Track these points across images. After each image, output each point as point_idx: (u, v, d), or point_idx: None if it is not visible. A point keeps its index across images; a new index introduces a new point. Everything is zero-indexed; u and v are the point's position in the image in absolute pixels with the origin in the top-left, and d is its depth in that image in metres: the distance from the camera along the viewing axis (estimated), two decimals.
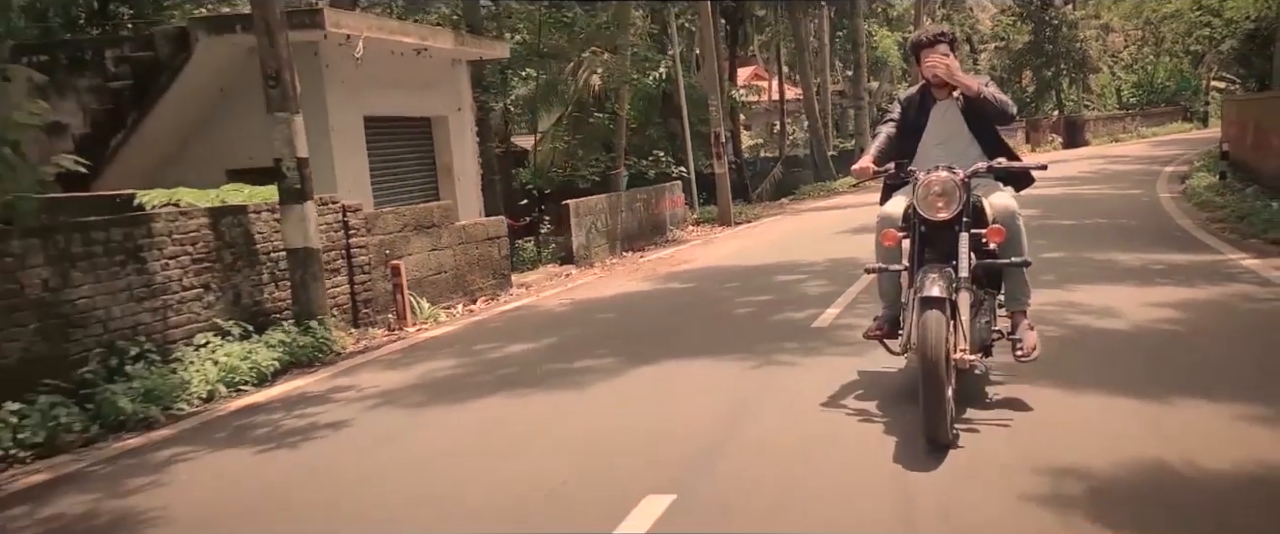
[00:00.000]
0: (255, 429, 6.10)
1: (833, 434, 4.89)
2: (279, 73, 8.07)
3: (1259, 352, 6.13)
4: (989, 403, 5.18)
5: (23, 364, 6.08)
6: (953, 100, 5.33)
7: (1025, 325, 5.30)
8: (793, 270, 11.32)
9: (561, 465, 4.78)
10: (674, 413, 5.60)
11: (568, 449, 5.10)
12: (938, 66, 5.21)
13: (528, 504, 4.27)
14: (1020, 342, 5.19)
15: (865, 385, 5.74)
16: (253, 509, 4.63)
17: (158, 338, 7.15)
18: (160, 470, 5.32)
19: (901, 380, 5.64)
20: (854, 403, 5.40)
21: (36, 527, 4.59)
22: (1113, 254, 10.54)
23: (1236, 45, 25.60)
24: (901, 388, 5.48)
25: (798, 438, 4.87)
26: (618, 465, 4.69)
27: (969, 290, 4.79)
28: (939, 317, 4.45)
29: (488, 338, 8.76)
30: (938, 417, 4.39)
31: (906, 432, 4.71)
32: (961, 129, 5.34)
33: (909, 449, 4.49)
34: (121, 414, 6.23)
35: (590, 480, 4.51)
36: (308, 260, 8.36)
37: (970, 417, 4.87)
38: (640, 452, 4.86)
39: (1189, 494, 3.82)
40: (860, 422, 5.05)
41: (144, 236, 7.14)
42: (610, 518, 3.94)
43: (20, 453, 5.61)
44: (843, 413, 5.23)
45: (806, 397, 5.56)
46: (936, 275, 4.62)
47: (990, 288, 5.34)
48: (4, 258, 6.07)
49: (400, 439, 5.66)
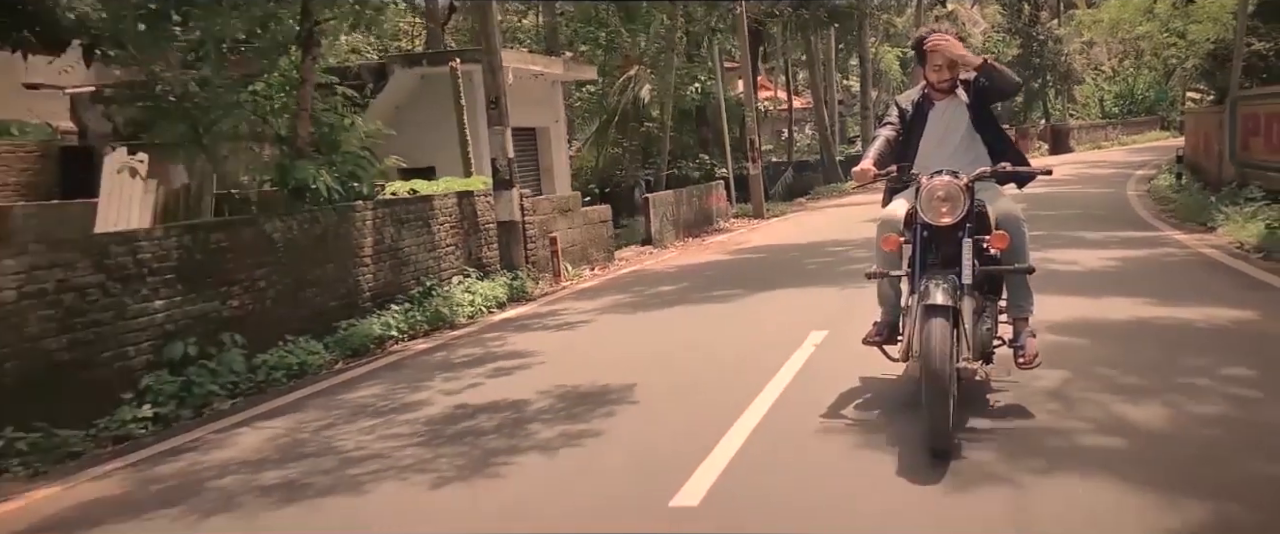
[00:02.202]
0: (526, 328, 9.63)
1: (834, 443, 4.85)
2: (498, 99, 11.63)
3: (1161, 279, 9.69)
4: (990, 410, 5.16)
5: (388, 285, 9.66)
6: (954, 98, 5.32)
7: (1027, 332, 5.23)
8: (838, 245, 14.85)
9: (751, 326, 8.35)
10: (802, 307, 9.15)
11: (750, 321, 8.68)
12: (945, 43, 5.29)
13: (744, 340, 7.82)
14: (1022, 348, 5.14)
15: (864, 393, 5.71)
16: (565, 350, 8.16)
17: (436, 277, 10.68)
18: (496, 341, 8.85)
19: (900, 387, 5.63)
20: (854, 413, 5.35)
21: (463, 357, 8.12)
22: (1081, 233, 14.04)
23: (1199, 63, 29.33)
24: (901, 395, 5.49)
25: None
26: (785, 323, 8.24)
27: (972, 297, 4.74)
28: (944, 325, 4.40)
29: (634, 284, 12.32)
30: (941, 427, 4.33)
31: (909, 442, 4.66)
32: (962, 129, 5.32)
33: (911, 460, 4.42)
34: (442, 317, 9.78)
35: (773, 329, 8.06)
36: (511, 229, 11.91)
37: (972, 426, 4.85)
38: (792, 320, 8.40)
39: (1103, 330, 7.32)
40: (861, 432, 4.98)
41: (429, 211, 10.70)
42: (795, 342, 7.41)
43: (411, 331, 9.20)
44: (843, 423, 5.18)
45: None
46: (941, 282, 4.56)
47: (990, 294, 5.25)
48: (373, 220, 9.61)
49: (624, 325, 9.21)
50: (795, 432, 5.12)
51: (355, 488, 4.81)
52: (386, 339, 9.13)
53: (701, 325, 8.87)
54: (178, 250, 7.25)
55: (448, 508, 4.47)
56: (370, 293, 9.54)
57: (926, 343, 4.36)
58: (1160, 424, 4.81)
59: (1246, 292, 8.45)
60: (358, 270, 9.41)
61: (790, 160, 38.20)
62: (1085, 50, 51.72)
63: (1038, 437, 4.69)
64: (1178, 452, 4.40)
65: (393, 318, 9.34)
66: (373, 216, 9.70)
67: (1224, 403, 5.09)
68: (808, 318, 8.41)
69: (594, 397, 6.22)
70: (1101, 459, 4.32)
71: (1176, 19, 27.78)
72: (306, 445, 5.74)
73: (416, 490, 4.70)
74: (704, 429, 5.17)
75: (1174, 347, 6.47)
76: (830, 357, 6.85)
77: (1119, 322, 7.41)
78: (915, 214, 4.90)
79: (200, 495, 4.93)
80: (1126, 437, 4.65)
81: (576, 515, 4.23)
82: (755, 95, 33.17)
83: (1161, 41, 30.69)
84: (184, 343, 7.10)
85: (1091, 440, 4.62)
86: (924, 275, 4.71)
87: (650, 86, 25.21)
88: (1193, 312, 7.59)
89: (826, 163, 36.15)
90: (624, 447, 5.19)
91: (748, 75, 25.11)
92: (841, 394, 5.70)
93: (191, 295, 7.33)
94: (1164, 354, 6.25)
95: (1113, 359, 6.17)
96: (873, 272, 5.24)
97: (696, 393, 6.24)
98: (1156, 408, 5.04)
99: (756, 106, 31.21)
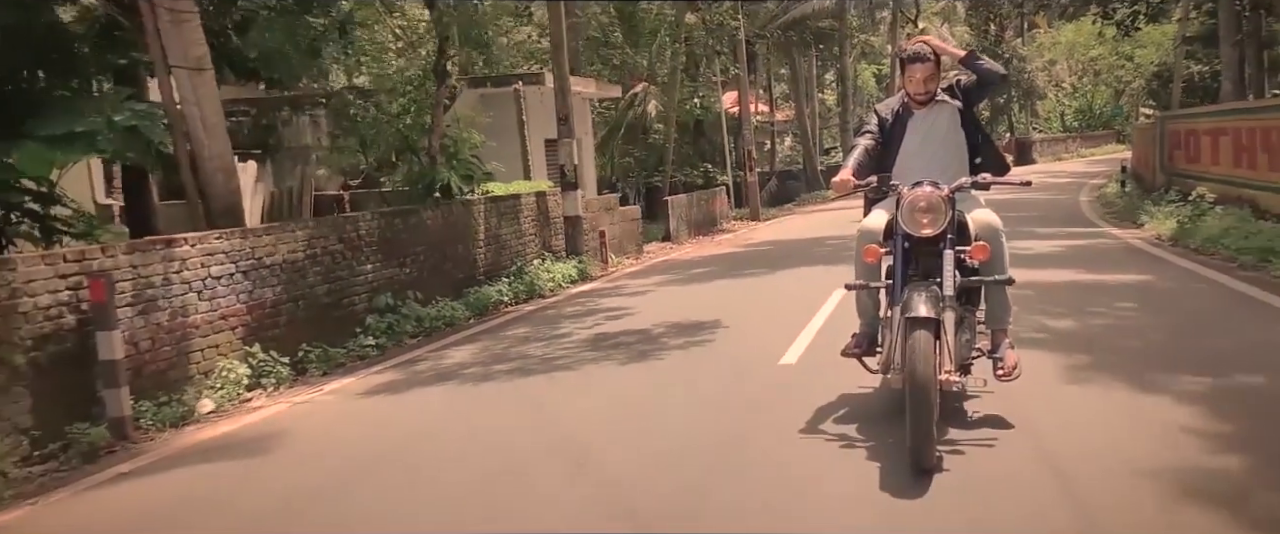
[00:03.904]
0: (604, 295, 12.36)
1: (815, 458, 4.82)
2: (567, 117, 14.39)
3: (1092, 258, 12.58)
4: (970, 421, 5.18)
5: (494, 264, 12.40)
6: (935, 106, 5.30)
7: (1006, 344, 5.24)
8: (835, 239, 17.61)
9: (785, 289, 11.16)
10: (821, 277, 11.92)
11: (782, 286, 11.49)
12: (927, 39, 5.38)
13: (783, 296, 10.62)
14: (1001, 360, 5.15)
15: (842, 407, 5.70)
16: (649, 306, 10.85)
17: (522, 258, 13.41)
18: (588, 303, 11.58)
19: (879, 400, 5.65)
20: (833, 427, 5.32)
21: (570, 312, 10.86)
22: (1036, 229, 16.95)
23: (1145, 83, 32.67)
24: (880, 408, 5.50)
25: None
26: (811, 286, 11.01)
27: (953, 308, 4.70)
28: (928, 337, 4.38)
29: (671, 268, 15.10)
30: (925, 441, 4.30)
31: (890, 455, 4.67)
32: (942, 137, 5.29)
33: (894, 475, 4.42)
34: (534, 288, 12.53)
35: (803, 290, 10.85)
36: (576, 223, 14.67)
37: (953, 437, 4.87)
38: (816, 284, 11.17)
39: (1043, 286, 10.11)
40: (841, 447, 4.97)
41: (518, 206, 13.45)
42: (822, 297, 10.16)
43: (515, 298, 11.96)
44: (822, 438, 5.13)
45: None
46: (924, 294, 4.54)
47: (967, 304, 5.19)
48: (485, 213, 12.35)
49: (682, 292, 11.98)
50: (838, 342, 7.89)
51: (567, 368, 7.57)
52: (500, 303, 11.85)
53: (744, 290, 11.68)
54: (377, 230, 9.96)
55: (637, 375, 7.22)
56: (483, 268, 12.26)
57: (911, 356, 4.37)
58: (1070, 327, 7.68)
59: (1148, 264, 11.42)
60: (475, 250, 12.14)
61: (773, 170, 41.15)
62: (1048, 68, 55.22)
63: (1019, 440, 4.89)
64: (1077, 339, 7.25)
65: (501, 287, 12.07)
66: (484, 210, 12.44)
67: (1111, 318, 7.99)
68: (828, 283, 11.15)
69: (694, 327, 9.01)
70: (1034, 343, 7.10)
71: (1124, 44, 31.11)
72: (507, 354, 8.49)
73: (609, 367, 7.47)
74: (780, 338, 7.94)
75: (1089, 293, 9.37)
76: (852, 306, 9.68)
77: (1055, 282, 10.29)
78: (896, 225, 4.93)
79: (461, 377, 7.67)
80: (1049, 334, 7.48)
81: (721, 376, 7.01)
82: (753, 111, 36.25)
83: (1112, 64, 34.01)
84: (385, 296, 9.81)
85: (1027, 335, 7.38)
86: (905, 287, 4.73)
87: (656, 103, 28.04)
88: (1108, 277, 10.51)
89: (809, 172, 39.14)
90: (731, 346, 8.02)
91: (743, 93, 27.98)
92: (817, 410, 5.84)
93: (385, 263, 10.04)
94: (1082, 297, 9.13)
95: (1047, 300, 9.01)
96: (853, 283, 5.27)
97: (765, 323, 9.05)
98: (1069, 321, 7.92)
99: (752, 121, 34.24)
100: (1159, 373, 5.97)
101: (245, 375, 7.54)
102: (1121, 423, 5.07)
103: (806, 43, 36.85)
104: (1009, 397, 5.40)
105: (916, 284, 4.70)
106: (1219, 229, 12.18)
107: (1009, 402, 5.36)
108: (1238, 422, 4.94)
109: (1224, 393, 5.49)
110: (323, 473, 5.45)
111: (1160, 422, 4.99)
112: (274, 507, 4.91)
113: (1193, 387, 5.60)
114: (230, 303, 7.72)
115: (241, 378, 7.49)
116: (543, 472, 5.04)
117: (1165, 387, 5.63)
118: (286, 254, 8.48)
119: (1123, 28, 25.81)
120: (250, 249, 8.00)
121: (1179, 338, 7.18)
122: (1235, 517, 3.74)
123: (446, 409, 6.86)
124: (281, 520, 4.71)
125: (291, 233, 8.62)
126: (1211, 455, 4.48)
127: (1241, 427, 4.86)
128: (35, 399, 5.90)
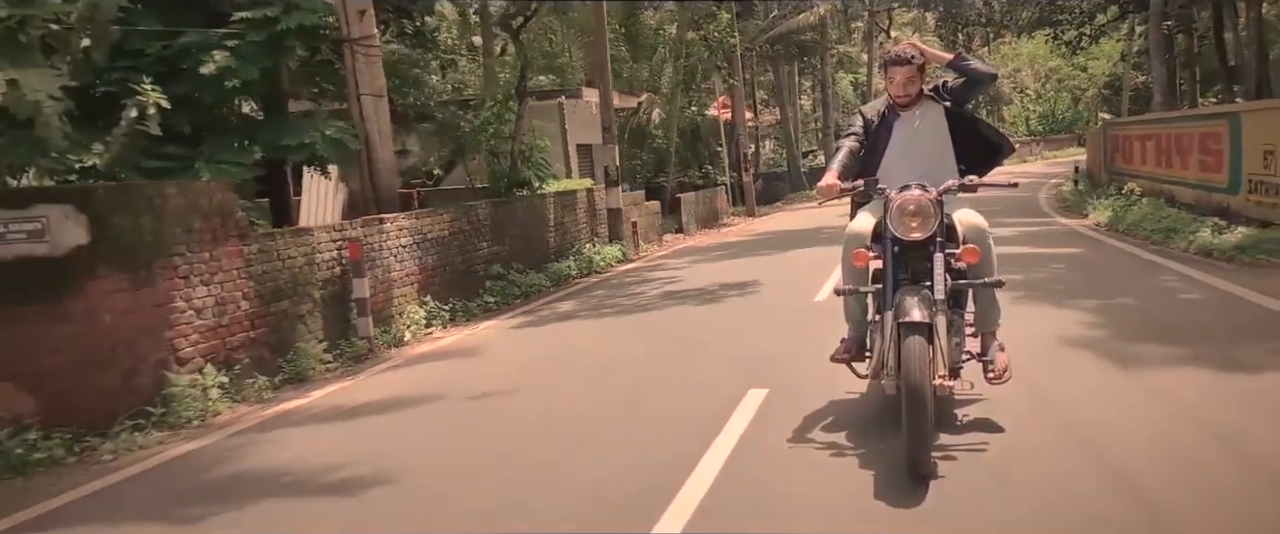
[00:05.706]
0: (651, 271, 15.27)
1: (808, 470, 4.77)
2: (610, 127, 17.32)
3: (1040, 239, 15.61)
4: (960, 426, 5.19)
5: (558, 246, 15.33)
6: (921, 107, 5.23)
7: (996, 346, 5.21)
8: (832, 229, 20.53)
9: (799, 260, 14.16)
10: (831, 253, 14.92)
11: (796, 259, 14.48)
12: (909, 44, 5.29)
13: (799, 266, 13.61)
14: (991, 362, 5.12)
15: (830, 415, 5.67)
16: (695, 276, 13.78)
17: (577, 242, 16.32)
18: (640, 275, 14.51)
19: (868, 406, 5.68)
20: (822, 435, 5.30)
21: (631, 280, 13.79)
22: (1000, 219, 19.97)
23: (1098, 92, 36.05)
24: (869, 414, 5.54)
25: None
26: (822, 258, 13.94)
27: (944, 312, 4.64)
28: (922, 342, 4.33)
29: (695, 251, 18.07)
30: (921, 446, 4.25)
31: (884, 463, 4.66)
32: (929, 139, 5.22)
33: (890, 482, 4.41)
34: (592, 265, 15.45)
35: (816, 260, 13.79)
36: (617, 214, 17.61)
37: (944, 442, 4.87)
38: (826, 256, 14.11)
39: (1003, 257, 13.16)
40: (832, 456, 4.92)
41: (573, 200, 16.38)
42: (834, 264, 13.14)
43: (579, 273, 14.88)
44: (813, 447, 5.11)
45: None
46: (916, 298, 4.49)
47: (955, 307, 5.11)
48: (552, 204, 15.27)
49: (715, 267, 14.92)
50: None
51: (656, 309, 10.52)
52: (569, 276, 14.74)
53: (767, 263, 14.66)
54: (490, 217, 12.85)
55: (714, 312, 10.16)
56: (552, 249, 15.17)
57: (906, 361, 4.32)
58: (1019, 279, 10.66)
59: (1082, 242, 14.56)
60: (546, 234, 15.05)
61: (758, 172, 44.17)
62: (1013, 75, 58.76)
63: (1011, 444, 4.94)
64: (1022, 285, 10.25)
65: (569, 264, 14.98)
66: (553, 202, 15.36)
67: (1046, 273, 11.06)
68: (835, 256, 13.99)
69: (739, 285, 11.98)
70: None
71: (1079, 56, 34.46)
72: (604, 304, 11.42)
73: (687, 307, 10.44)
74: (807, 287, 10.90)
75: (1035, 261, 12.42)
76: None
77: (1010, 254, 13.15)
78: (884, 228, 4.85)
79: (578, 316, 10.60)
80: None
81: (773, 308, 10.00)
82: (746, 118, 39.34)
83: (1068, 74, 37.37)
84: (495, 266, 12.71)
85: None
86: (896, 291, 4.67)
87: (659, 111, 31.03)
88: (1049, 250, 13.60)
89: (793, 173, 42.26)
90: (771, 293, 11.06)
91: (738, 103, 31.05)
92: (805, 417, 6.10)
93: (494, 242, 12.92)
94: (1028, 263, 12.16)
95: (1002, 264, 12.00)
96: (841, 288, 5.17)
97: (792, 280, 12.06)
98: (1017, 276, 10.90)
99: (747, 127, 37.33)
100: (1069, 298, 9.08)
101: (423, 317, 10.42)
102: (1045, 318, 8.09)
103: (791, 55, 39.93)
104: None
105: (908, 288, 4.69)
106: (1140, 215, 15.31)
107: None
108: (1108, 316, 8.07)
109: (1106, 307, 8.60)
110: (517, 365, 8.36)
111: (1069, 320, 8.05)
112: (494, 381, 7.71)
113: (1088, 304, 8.70)
114: (410, 266, 10.61)
115: (421, 318, 10.37)
116: (678, 355, 8.00)
117: (1073, 305, 8.72)
118: (439, 231, 11.35)
119: (1071, 46, 29.03)
120: (420, 227, 10.88)
121: (1088, 283, 10.25)
122: (1099, 350, 6.79)
123: (579, 334, 9.79)
124: (502, 386, 7.44)
125: (440, 217, 11.51)
126: (1090, 329, 7.56)
127: (1111, 318, 7.96)
128: (324, 321, 8.80)
